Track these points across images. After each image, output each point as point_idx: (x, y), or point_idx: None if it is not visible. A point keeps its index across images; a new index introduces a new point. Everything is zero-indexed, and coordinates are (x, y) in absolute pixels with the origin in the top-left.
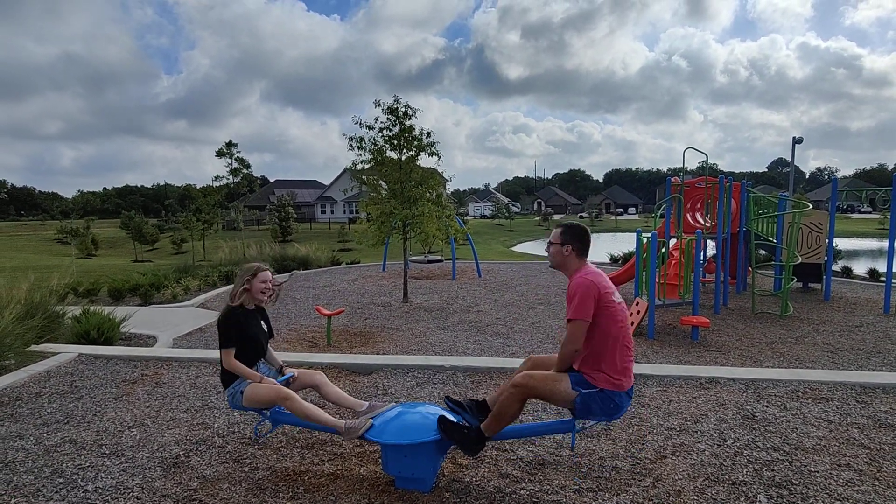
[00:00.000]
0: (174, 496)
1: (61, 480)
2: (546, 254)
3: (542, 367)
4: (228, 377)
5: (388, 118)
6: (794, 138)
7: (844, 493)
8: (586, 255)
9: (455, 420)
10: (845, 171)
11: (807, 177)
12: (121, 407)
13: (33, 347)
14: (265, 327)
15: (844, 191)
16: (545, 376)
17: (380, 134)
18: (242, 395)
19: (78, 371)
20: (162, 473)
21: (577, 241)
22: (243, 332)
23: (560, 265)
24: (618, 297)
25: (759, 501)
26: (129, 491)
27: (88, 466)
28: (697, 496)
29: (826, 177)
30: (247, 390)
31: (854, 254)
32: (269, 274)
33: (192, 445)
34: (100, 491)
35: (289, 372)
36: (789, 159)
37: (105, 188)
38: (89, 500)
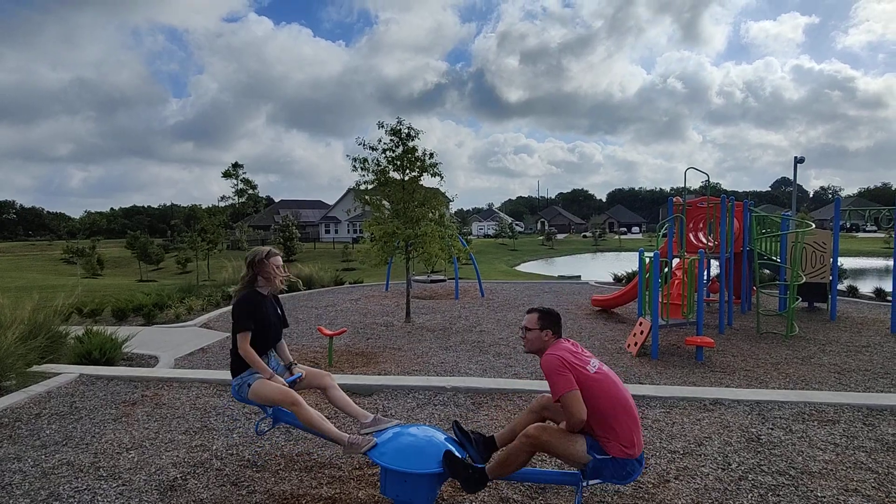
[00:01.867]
0: None
1: None
2: (522, 340)
3: (552, 411)
4: (238, 365)
5: (391, 139)
6: (795, 158)
7: None
8: (560, 335)
9: (461, 457)
10: (849, 190)
11: (810, 196)
12: (120, 428)
13: (35, 368)
14: (279, 313)
15: (848, 210)
16: (561, 433)
17: (383, 155)
18: (249, 389)
19: (78, 392)
20: (159, 497)
21: (554, 325)
22: (260, 316)
23: (539, 350)
24: (593, 366)
25: None
26: None
27: (85, 489)
28: None
29: (830, 196)
30: (255, 384)
31: (860, 273)
32: (280, 259)
33: (190, 468)
34: None
35: (297, 371)
36: (786, 178)
37: (112, 208)
38: None
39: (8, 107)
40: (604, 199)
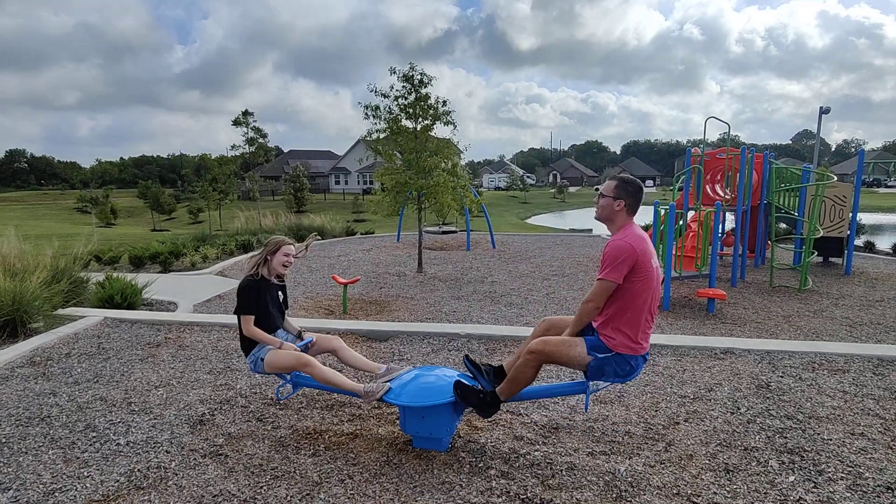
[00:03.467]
0: (201, 451)
1: (94, 434)
2: (594, 206)
3: (556, 329)
4: (248, 344)
5: (403, 86)
6: (820, 108)
7: (857, 460)
8: (635, 213)
9: (471, 384)
10: (873, 143)
11: (832, 149)
12: (147, 368)
13: (60, 311)
14: (282, 298)
15: (871, 163)
16: (560, 342)
17: (395, 102)
18: (263, 362)
19: (104, 334)
20: (189, 430)
21: (631, 197)
22: (262, 303)
23: (607, 219)
24: (655, 262)
25: (771, 467)
26: (159, 445)
27: (119, 422)
28: (709, 460)
29: (853, 149)
30: (267, 357)
31: (878, 229)
32: (293, 248)
33: (217, 405)
34: (131, 444)
35: (307, 337)
36: (812, 131)
37: (122, 158)
38: (121, 453)
39: (11, 53)
40: (618, 152)
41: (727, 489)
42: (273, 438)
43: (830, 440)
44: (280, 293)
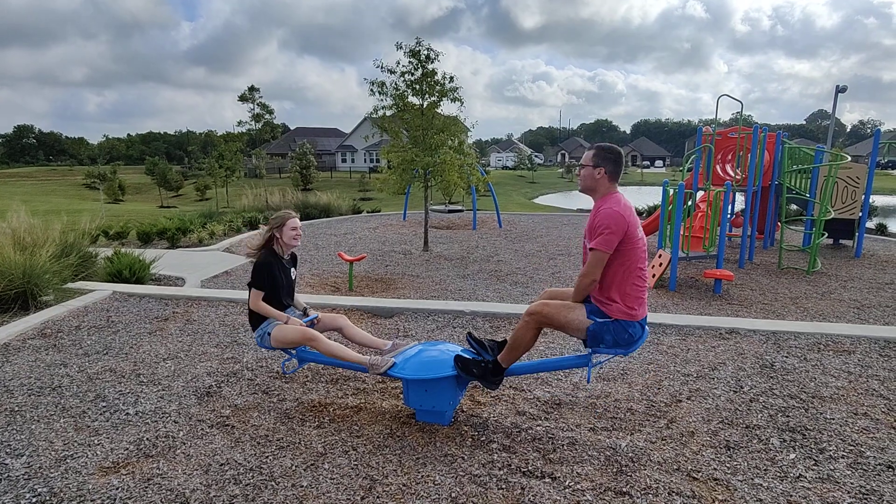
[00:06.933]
0: (208, 421)
1: (104, 404)
2: (577, 177)
3: (558, 299)
4: (256, 319)
5: (409, 61)
6: (837, 86)
7: (859, 439)
8: (618, 180)
9: (471, 357)
10: (889, 124)
11: (847, 130)
12: (155, 341)
13: (70, 285)
14: (294, 275)
15: (887, 144)
16: (560, 304)
17: (401, 78)
18: (270, 337)
19: (113, 307)
20: (196, 401)
21: (610, 163)
22: (275, 282)
23: (590, 189)
24: (640, 232)
25: (772, 444)
26: (167, 415)
27: (128, 393)
28: (710, 437)
29: (868, 130)
30: (274, 332)
31: (891, 212)
32: (298, 221)
33: (224, 377)
34: (140, 414)
35: (312, 314)
36: (826, 110)
37: (129, 134)
38: (130, 422)
39: (21, 29)
40: (628, 131)
41: (727, 465)
42: (279, 410)
43: (833, 419)
44: (293, 271)
